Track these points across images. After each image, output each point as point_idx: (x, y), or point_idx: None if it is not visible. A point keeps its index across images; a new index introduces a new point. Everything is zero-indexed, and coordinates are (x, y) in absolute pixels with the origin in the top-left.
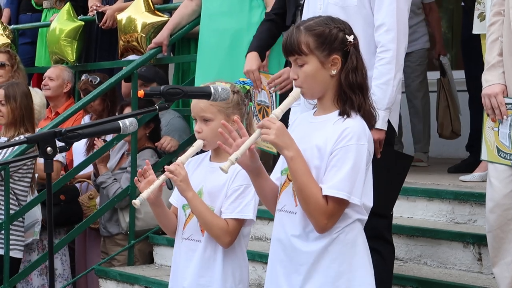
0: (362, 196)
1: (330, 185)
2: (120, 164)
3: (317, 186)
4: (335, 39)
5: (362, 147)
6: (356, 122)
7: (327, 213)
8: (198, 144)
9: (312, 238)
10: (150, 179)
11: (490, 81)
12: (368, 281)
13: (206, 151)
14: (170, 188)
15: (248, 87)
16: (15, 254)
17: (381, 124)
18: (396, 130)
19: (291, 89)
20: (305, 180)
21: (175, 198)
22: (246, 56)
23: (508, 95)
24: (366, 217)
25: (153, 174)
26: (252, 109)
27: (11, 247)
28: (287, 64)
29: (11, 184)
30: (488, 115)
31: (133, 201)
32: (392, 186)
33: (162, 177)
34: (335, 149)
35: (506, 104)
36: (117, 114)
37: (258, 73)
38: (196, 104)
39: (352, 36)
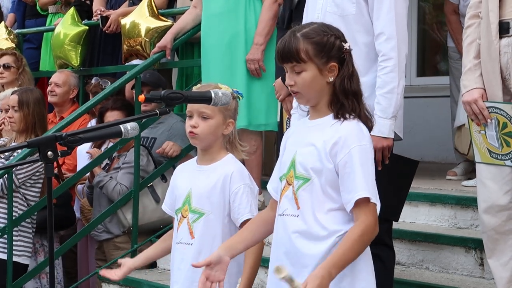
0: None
1: (354, 194)
2: (113, 166)
3: (350, 237)
4: (333, 47)
5: (364, 147)
6: (352, 124)
7: (373, 214)
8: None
9: (315, 239)
10: None
11: (467, 86)
12: (370, 284)
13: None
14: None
15: (241, 98)
16: (23, 260)
17: (387, 132)
18: (401, 135)
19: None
20: (350, 250)
21: (168, 206)
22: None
23: (488, 98)
24: None
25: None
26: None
27: (19, 253)
28: (278, 73)
29: (23, 190)
30: (472, 120)
31: None
32: (396, 191)
33: None
34: (340, 160)
35: (487, 108)
36: (96, 119)
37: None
38: None
39: (347, 44)
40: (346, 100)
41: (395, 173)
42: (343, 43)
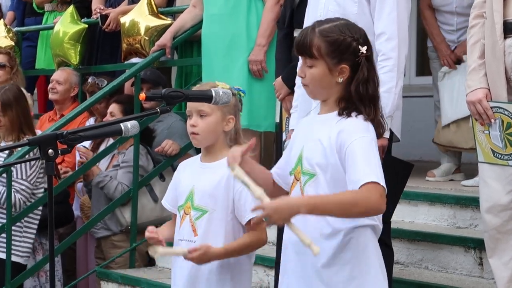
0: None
1: (361, 177)
2: (112, 163)
3: (344, 195)
4: (347, 49)
5: (365, 138)
6: (357, 120)
7: (378, 193)
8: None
9: (324, 236)
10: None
11: (472, 86)
12: (380, 286)
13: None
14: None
15: (243, 94)
16: (25, 261)
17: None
18: (399, 136)
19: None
20: (336, 203)
21: (169, 203)
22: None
23: (492, 98)
24: (376, 223)
25: None
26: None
27: (22, 254)
28: (278, 73)
29: (33, 191)
30: (476, 119)
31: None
32: (392, 193)
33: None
34: (344, 153)
35: (491, 107)
36: (95, 118)
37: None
38: None
39: (365, 48)
40: (363, 106)
41: (391, 175)
42: (359, 47)
